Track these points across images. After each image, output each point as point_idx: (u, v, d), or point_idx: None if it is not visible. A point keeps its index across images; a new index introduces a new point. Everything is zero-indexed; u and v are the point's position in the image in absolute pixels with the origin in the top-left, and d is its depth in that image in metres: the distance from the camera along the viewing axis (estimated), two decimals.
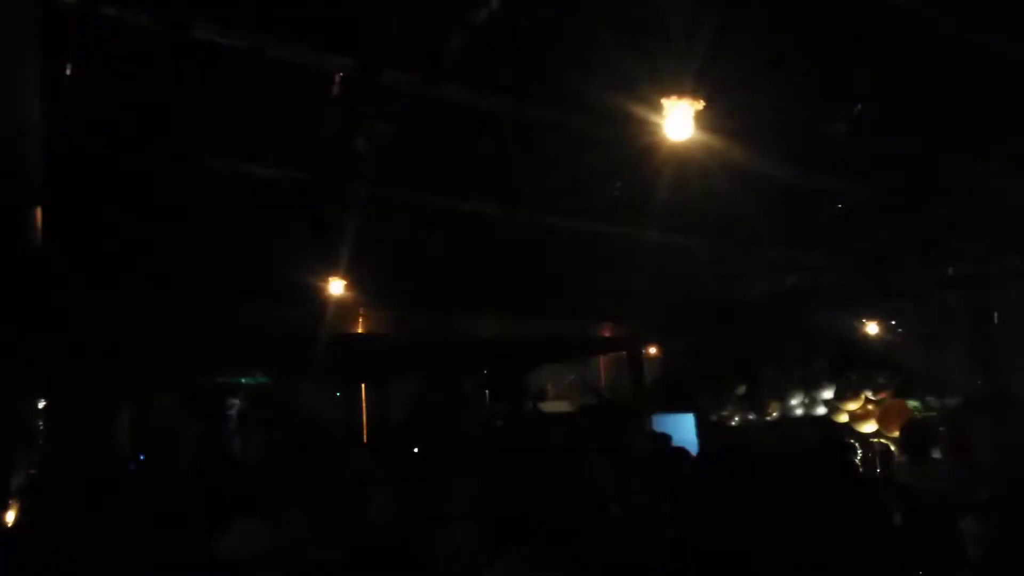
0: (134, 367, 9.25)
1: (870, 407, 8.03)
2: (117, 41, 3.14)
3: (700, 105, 2.50)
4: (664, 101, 2.47)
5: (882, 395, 7.96)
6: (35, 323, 5.71)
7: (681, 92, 2.44)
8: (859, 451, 8.18)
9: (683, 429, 9.47)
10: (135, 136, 3.99)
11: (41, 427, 9.08)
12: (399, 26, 3.33)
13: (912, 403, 7.87)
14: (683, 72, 2.46)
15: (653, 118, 3.33)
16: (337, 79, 3.70)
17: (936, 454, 5.90)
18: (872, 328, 7.80)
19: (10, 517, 5.74)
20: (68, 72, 3.05)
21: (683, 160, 4.55)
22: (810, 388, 8.50)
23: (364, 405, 11.98)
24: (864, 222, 6.26)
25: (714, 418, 9.53)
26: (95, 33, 2.97)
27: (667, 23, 2.40)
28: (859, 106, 4.34)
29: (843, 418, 8.24)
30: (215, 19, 3.07)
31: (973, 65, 4.02)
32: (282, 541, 4.20)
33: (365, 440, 11.50)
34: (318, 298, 6.50)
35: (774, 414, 8.82)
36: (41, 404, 8.77)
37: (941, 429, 7.34)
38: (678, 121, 2.54)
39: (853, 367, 8.22)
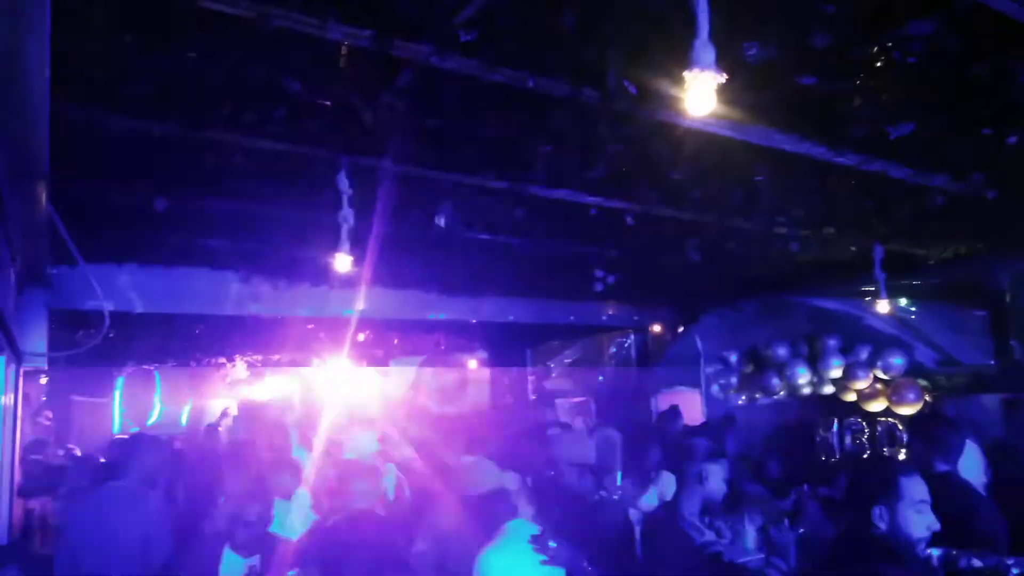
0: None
1: (879, 386, 7.99)
2: (123, 11, 3.09)
3: (722, 78, 2.45)
4: (685, 74, 2.41)
5: (891, 373, 7.92)
6: None
7: (702, 66, 2.38)
8: (866, 430, 8.18)
9: (690, 407, 9.46)
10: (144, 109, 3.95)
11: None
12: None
13: (922, 381, 7.84)
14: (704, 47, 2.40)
15: (671, 93, 3.28)
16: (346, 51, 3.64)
17: None
18: (881, 306, 7.72)
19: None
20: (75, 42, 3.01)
21: (690, 137, 4.50)
22: (818, 367, 8.45)
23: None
24: (874, 198, 6.18)
25: (721, 397, 9.51)
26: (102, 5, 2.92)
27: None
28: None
29: (851, 397, 8.21)
30: None
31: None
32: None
33: None
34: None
35: (781, 392, 8.78)
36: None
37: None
38: (697, 96, 2.48)
39: (862, 345, 8.17)
